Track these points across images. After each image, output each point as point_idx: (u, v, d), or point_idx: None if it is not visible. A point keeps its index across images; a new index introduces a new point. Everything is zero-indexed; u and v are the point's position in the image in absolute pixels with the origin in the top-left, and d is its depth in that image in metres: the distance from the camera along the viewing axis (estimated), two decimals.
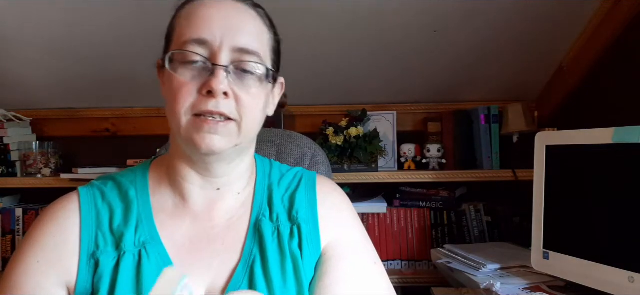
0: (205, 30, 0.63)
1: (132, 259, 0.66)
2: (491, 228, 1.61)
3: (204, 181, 0.71)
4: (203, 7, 0.65)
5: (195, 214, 0.71)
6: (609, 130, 0.99)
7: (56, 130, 1.91)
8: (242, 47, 0.64)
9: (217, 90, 0.61)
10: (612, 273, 0.96)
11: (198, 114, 0.62)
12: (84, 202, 0.69)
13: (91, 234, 0.67)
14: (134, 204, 0.70)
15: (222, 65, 0.62)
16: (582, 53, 1.51)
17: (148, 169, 0.75)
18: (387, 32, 1.48)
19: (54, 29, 1.48)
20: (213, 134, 0.63)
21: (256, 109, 0.67)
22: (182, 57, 0.63)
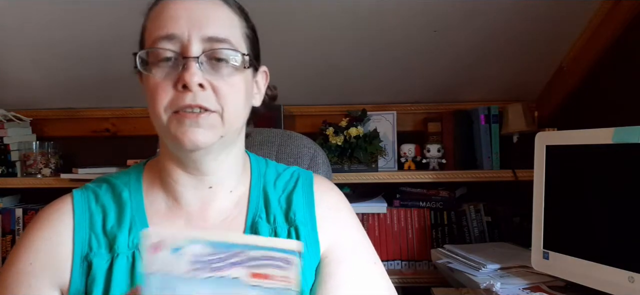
0: (173, 25, 0.63)
1: (126, 261, 0.65)
2: (491, 228, 1.61)
3: (196, 181, 0.70)
4: (169, 5, 0.65)
5: (189, 214, 0.70)
6: (609, 130, 0.99)
7: (56, 130, 1.91)
8: (212, 35, 0.63)
9: (191, 83, 0.61)
10: (612, 273, 0.96)
11: (177, 111, 0.62)
12: (77, 205, 0.69)
13: (84, 236, 0.67)
14: (127, 205, 0.69)
15: (194, 56, 0.62)
16: (582, 53, 1.51)
17: (142, 171, 0.75)
18: (387, 32, 1.48)
19: (54, 29, 1.47)
20: (195, 128, 0.62)
21: (237, 97, 0.66)
22: (153, 56, 0.63)
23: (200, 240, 0.41)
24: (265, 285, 0.42)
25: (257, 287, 0.42)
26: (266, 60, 0.81)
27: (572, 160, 1.07)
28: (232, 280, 0.41)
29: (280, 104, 1.76)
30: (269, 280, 0.42)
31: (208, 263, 0.41)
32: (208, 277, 0.41)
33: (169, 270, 0.41)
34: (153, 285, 0.41)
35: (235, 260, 0.42)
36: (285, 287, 0.42)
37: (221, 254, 0.42)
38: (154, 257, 0.41)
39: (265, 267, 0.42)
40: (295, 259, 0.42)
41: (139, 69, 0.64)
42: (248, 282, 0.41)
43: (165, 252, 0.41)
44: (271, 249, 0.41)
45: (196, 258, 0.41)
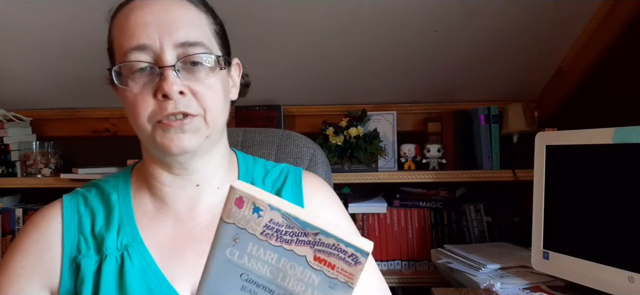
0: (142, 35, 0.62)
1: (114, 263, 0.66)
2: (491, 228, 1.61)
3: (182, 181, 0.70)
4: (134, 12, 0.63)
5: (177, 214, 0.71)
6: (609, 130, 0.99)
7: (56, 130, 1.91)
8: (184, 40, 0.63)
9: (171, 92, 0.61)
10: (612, 273, 0.96)
11: (161, 120, 0.62)
12: (66, 209, 0.70)
13: (73, 239, 0.68)
14: (115, 207, 0.70)
15: (169, 65, 0.62)
16: (582, 53, 1.51)
17: (130, 173, 0.75)
18: (387, 32, 1.48)
19: (55, 29, 1.47)
20: (180, 133, 0.63)
21: (217, 98, 0.66)
22: (127, 68, 0.63)
23: (280, 210, 0.43)
24: (328, 274, 0.42)
25: (320, 272, 0.42)
26: (266, 60, 0.81)
27: (572, 160, 1.07)
28: (298, 257, 0.43)
29: (280, 104, 1.76)
30: (332, 270, 0.42)
31: (280, 233, 0.43)
32: (278, 245, 0.43)
33: (245, 226, 0.43)
34: (226, 233, 0.43)
35: (305, 238, 0.43)
36: (346, 283, 0.42)
37: (295, 228, 0.43)
38: (236, 210, 0.43)
39: (332, 256, 0.42)
40: (364, 260, 0.42)
41: (115, 82, 0.64)
42: (312, 264, 0.42)
43: (247, 209, 0.43)
44: (344, 242, 0.42)
45: (272, 224, 0.43)
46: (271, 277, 0.43)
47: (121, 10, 0.66)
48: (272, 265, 0.43)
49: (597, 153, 1.01)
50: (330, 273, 0.42)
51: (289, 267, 0.43)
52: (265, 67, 1.63)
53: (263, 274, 0.43)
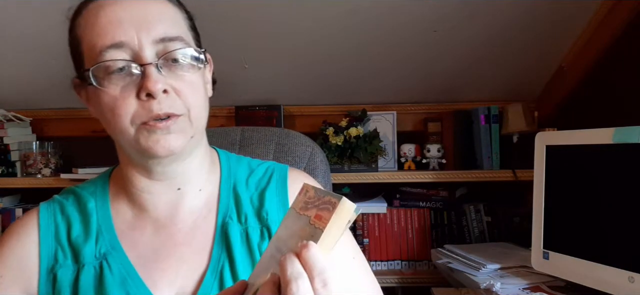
0: (118, 31, 0.58)
1: (93, 272, 0.64)
2: (491, 228, 1.61)
3: (163, 186, 0.67)
4: (104, 9, 0.60)
5: (158, 220, 0.68)
6: (609, 130, 0.98)
7: (56, 130, 1.91)
8: (163, 36, 0.59)
9: (156, 91, 0.57)
10: (612, 273, 0.96)
11: (146, 122, 0.59)
12: (43, 217, 0.68)
13: (50, 248, 0.66)
14: (93, 215, 0.67)
15: (151, 62, 0.58)
16: (582, 53, 1.51)
17: (108, 179, 0.72)
18: (387, 32, 1.48)
19: (55, 29, 1.47)
20: (167, 135, 0.60)
21: (199, 96, 0.63)
22: (104, 68, 0.58)
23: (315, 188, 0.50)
24: (316, 224, 0.47)
25: (311, 224, 0.47)
26: (266, 61, 0.81)
27: (572, 160, 1.07)
28: (305, 218, 0.48)
29: (280, 104, 1.76)
30: (319, 221, 0.47)
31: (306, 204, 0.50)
32: (303, 215, 0.49)
33: (296, 207, 0.51)
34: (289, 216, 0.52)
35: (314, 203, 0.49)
36: (321, 226, 0.46)
37: (314, 198, 0.49)
38: (297, 197, 0.52)
39: (324, 210, 0.47)
40: (336, 203, 0.45)
41: (93, 84, 0.59)
42: (314, 223, 0.47)
43: (302, 195, 0.51)
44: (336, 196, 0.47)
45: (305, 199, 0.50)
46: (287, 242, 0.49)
47: (86, 7, 0.62)
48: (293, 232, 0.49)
49: (597, 153, 1.01)
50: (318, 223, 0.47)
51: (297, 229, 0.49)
52: (266, 67, 1.63)
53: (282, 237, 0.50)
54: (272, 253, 0.50)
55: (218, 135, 1.06)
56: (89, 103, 0.65)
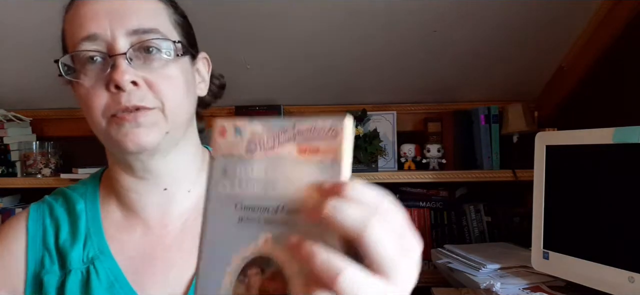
0: (93, 24, 0.58)
1: (80, 277, 0.62)
2: (491, 228, 1.61)
3: (148, 185, 0.65)
4: (85, 3, 0.59)
5: (146, 222, 0.66)
6: (609, 130, 0.99)
7: (56, 130, 1.90)
8: (137, 27, 0.58)
9: (123, 82, 0.56)
10: (612, 273, 0.96)
11: (115, 114, 0.58)
12: (32, 220, 0.67)
13: (37, 253, 0.65)
14: (82, 218, 0.66)
15: (121, 53, 0.57)
16: (582, 53, 1.51)
17: (98, 180, 0.71)
18: (387, 31, 1.48)
19: (55, 29, 1.47)
20: (136, 128, 0.58)
21: (176, 89, 0.61)
22: (78, 61, 0.58)
23: (260, 120, 0.41)
24: (314, 160, 0.39)
25: (306, 162, 0.39)
26: (266, 60, 0.81)
27: (572, 160, 1.07)
28: (283, 159, 0.40)
29: (280, 104, 1.76)
30: (317, 155, 0.39)
31: (262, 142, 0.41)
32: (263, 156, 0.41)
33: (230, 152, 0.41)
34: (216, 169, 0.42)
35: (284, 136, 0.40)
36: (333, 160, 0.38)
37: (274, 130, 0.41)
38: (221, 141, 0.42)
39: (313, 140, 0.39)
40: (341, 128, 0.39)
41: (64, 76, 0.60)
42: (297, 159, 0.40)
43: (230, 134, 0.42)
44: (320, 119, 0.39)
45: (253, 138, 0.41)
46: (263, 193, 0.39)
47: (74, 3, 0.62)
48: (261, 180, 0.40)
49: (597, 153, 1.01)
50: (316, 158, 0.39)
51: (278, 173, 0.40)
52: (266, 67, 1.63)
53: (255, 194, 0.40)
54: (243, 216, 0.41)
55: None
56: (74, 95, 0.64)
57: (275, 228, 0.38)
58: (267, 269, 0.38)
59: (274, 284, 0.38)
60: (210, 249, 0.40)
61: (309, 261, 0.33)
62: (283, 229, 0.38)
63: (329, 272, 0.32)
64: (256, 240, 0.39)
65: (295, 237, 0.36)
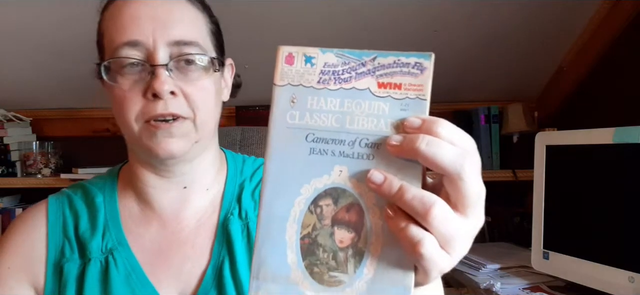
0: (135, 31, 0.59)
1: (98, 267, 0.64)
2: (491, 228, 1.61)
3: (168, 183, 0.67)
4: (127, 5, 0.60)
5: (163, 217, 0.68)
6: (609, 130, 0.99)
7: (56, 130, 1.90)
8: (179, 39, 0.60)
9: (162, 92, 0.58)
10: (612, 273, 0.96)
11: (149, 120, 0.59)
12: (52, 211, 0.68)
13: (58, 242, 0.66)
14: (100, 210, 0.67)
15: (162, 64, 0.59)
16: (582, 53, 1.51)
17: (117, 175, 0.73)
18: (387, 31, 1.48)
19: (55, 29, 1.47)
20: (168, 138, 0.60)
21: (208, 101, 0.63)
22: (117, 64, 0.60)
23: (332, 50, 0.40)
24: (396, 96, 0.38)
25: (388, 98, 0.38)
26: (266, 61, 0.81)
27: (572, 160, 1.07)
28: (361, 92, 0.39)
29: None
30: (400, 91, 0.38)
31: (337, 73, 0.40)
32: (338, 88, 0.39)
33: (299, 81, 0.40)
34: (283, 97, 0.40)
35: (363, 69, 0.39)
36: (418, 97, 0.38)
37: (351, 63, 0.40)
38: (287, 69, 0.40)
39: (395, 75, 0.38)
40: (429, 63, 0.38)
41: (104, 78, 0.61)
42: (377, 93, 0.38)
43: (299, 63, 0.41)
44: (404, 54, 0.38)
45: (326, 68, 0.40)
46: (338, 126, 0.38)
47: (114, 1, 0.63)
48: (336, 112, 0.39)
49: (597, 153, 1.01)
50: (399, 94, 0.38)
51: (354, 106, 0.39)
52: (266, 67, 1.63)
53: (329, 126, 0.39)
54: (315, 148, 0.39)
55: (218, 135, 1.06)
56: (108, 95, 0.66)
57: (351, 161, 0.38)
58: (341, 200, 0.38)
59: (349, 215, 0.38)
60: (276, 180, 0.39)
61: (398, 195, 0.35)
62: (359, 162, 0.38)
63: (423, 205, 0.34)
64: (330, 172, 0.38)
65: (379, 171, 0.36)
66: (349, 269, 0.38)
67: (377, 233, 0.37)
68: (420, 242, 0.35)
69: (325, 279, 0.38)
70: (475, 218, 0.38)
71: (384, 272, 0.37)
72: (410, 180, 0.36)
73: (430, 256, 0.35)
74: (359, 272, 0.37)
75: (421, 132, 0.36)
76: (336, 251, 0.38)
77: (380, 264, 0.37)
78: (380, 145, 0.38)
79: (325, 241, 0.38)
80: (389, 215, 0.36)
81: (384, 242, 0.37)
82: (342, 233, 0.38)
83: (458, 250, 0.37)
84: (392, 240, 0.37)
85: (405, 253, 0.36)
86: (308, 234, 0.38)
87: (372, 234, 0.37)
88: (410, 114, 0.37)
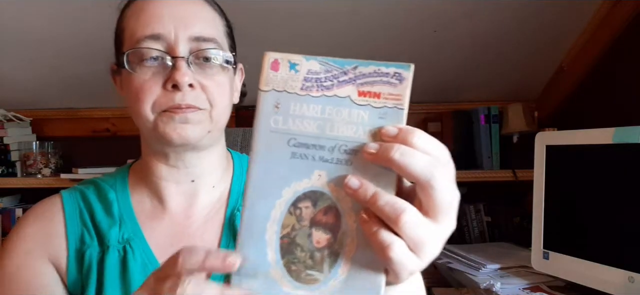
0: (158, 25, 0.62)
1: (117, 255, 0.66)
2: (491, 228, 1.61)
3: (178, 173, 0.70)
4: (150, 3, 0.64)
5: (173, 213, 0.70)
6: (609, 130, 0.99)
7: (56, 130, 1.90)
8: (199, 35, 0.63)
9: (182, 83, 0.61)
10: (612, 273, 0.96)
11: (166, 110, 0.62)
12: (67, 203, 0.69)
13: (76, 231, 0.67)
14: (114, 204, 0.70)
15: (183, 56, 0.62)
16: (582, 53, 1.51)
17: (127, 172, 0.75)
18: (387, 31, 1.48)
19: (54, 28, 1.48)
20: (184, 124, 0.62)
21: (224, 96, 0.66)
22: (139, 55, 0.63)
23: (316, 58, 0.42)
24: (375, 105, 0.40)
25: (367, 106, 0.40)
26: None
27: (572, 160, 1.07)
28: (342, 99, 0.41)
29: None
30: (379, 99, 0.40)
31: (320, 81, 0.41)
32: (320, 95, 0.41)
33: (283, 87, 0.42)
34: (267, 102, 0.42)
35: (345, 78, 0.41)
36: (395, 106, 0.40)
37: (333, 71, 0.41)
38: (272, 75, 0.42)
39: (375, 84, 0.40)
40: (408, 73, 0.40)
41: (125, 67, 0.64)
42: (357, 101, 0.40)
43: (284, 69, 0.42)
44: (384, 64, 0.40)
45: (310, 75, 0.41)
46: (319, 132, 0.41)
47: (136, 1, 0.66)
48: (317, 119, 0.41)
49: (597, 153, 1.01)
50: (377, 103, 0.40)
51: (335, 114, 0.41)
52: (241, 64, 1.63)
53: (310, 132, 0.41)
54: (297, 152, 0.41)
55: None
56: (122, 89, 0.69)
57: (330, 166, 0.40)
58: (320, 203, 0.40)
59: (326, 218, 0.40)
60: (259, 182, 0.41)
61: (372, 200, 0.37)
62: (338, 167, 0.40)
63: (394, 211, 0.37)
64: (309, 175, 0.40)
65: (355, 177, 0.38)
66: (324, 268, 0.40)
67: (352, 236, 0.40)
68: (390, 246, 0.37)
69: (302, 277, 0.40)
70: (446, 224, 0.40)
71: (357, 273, 0.39)
72: (385, 186, 0.39)
73: (399, 259, 0.37)
74: (333, 271, 0.40)
75: (397, 141, 0.38)
76: (313, 251, 0.40)
77: (353, 265, 0.39)
78: (358, 152, 0.40)
79: (304, 241, 0.40)
80: (363, 220, 0.38)
81: (358, 244, 0.40)
82: (319, 234, 0.40)
83: (428, 253, 0.40)
84: (365, 242, 0.39)
85: (376, 255, 0.38)
86: (287, 234, 0.40)
87: (347, 237, 0.40)
88: (388, 123, 0.40)
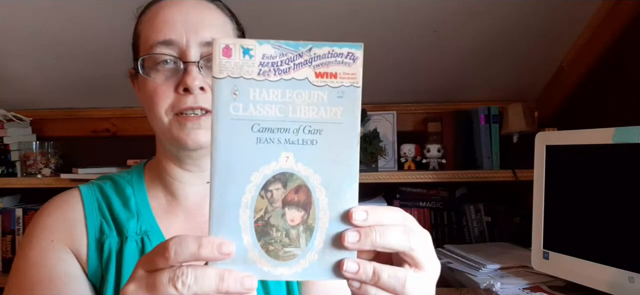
0: (170, 31, 0.65)
1: (135, 246, 0.68)
2: (491, 228, 1.61)
3: (193, 177, 0.72)
4: (164, 9, 0.67)
5: (188, 210, 0.73)
6: (609, 130, 0.99)
7: (56, 130, 1.90)
8: (209, 40, 0.65)
9: (193, 87, 0.63)
10: (612, 273, 0.96)
11: (179, 113, 0.64)
12: (85, 195, 0.71)
13: (96, 221, 0.69)
14: (131, 198, 0.72)
15: (193, 61, 0.64)
16: (582, 53, 1.51)
17: (143, 169, 0.77)
18: (387, 31, 1.48)
19: (54, 29, 1.48)
20: (197, 129, 0.64)
21: None
22: (152, 60, 0.65)
23: (269, 41, 0.42)
24: (332, 85, 0.42)
25: (325, 87, 0.42)
26: None
27: (572, 160, 1.07)
28: (300, 82, 0.42)
29: None
30: (336, 79, 0.42)
31: (276, 65, 0.42)
32: (278, 79, 0.42)
33: (240, 74, 0.41)
34: (224, 89, 0.41)
35: (300, 60, 0.42)
36: (352, 84, 0.42)
37: (289, 54, 0.42)
38: (225, 61, 0.41)
39: (331, 65, 0.42)
40: (360, 54, 0.42)
41: (140, 73, 0.66)
42: (315, 82, 0.42)
43: (237, 55, 0.41)
44: (337, 45, 0.42)
45: (265, 60, 0.42)
46: (282, 116, 0.41)
47: (150, 7, 0.69)
48: (278, 103, 0.41)
49: (597, 153, 1.01)
50: (335, 82, 0.42)
51: (295, 96, 0.42)
52: None
53: (273, 116, 0.41)
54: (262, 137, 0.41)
55: None
56: (139, 93, 0.71)
57: (296, 147, 0.42)
58: (290, 184, 0.42)
59: (298, 196, 0.42)
60: (225, 170, 0.41)
61: (374, 279, 0.41)
62: (304, 147, 0.42)
63: (398, 280, 0.42)
64: (277, 158, 0.41)
65: (352, 261, 0.42)
66: (301, 243, 0.42)
67: (324, 209, 0.42)
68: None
69: (281, 255, 0.42)
70: (435, 268, 0.46)
71: (333, 242, 0.42)
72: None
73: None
74: (310, 244, 0.42)
75: (368, 223, 0.43)
76: (288, 229, 0.42)
77: (328, 235, 0.42)
78: (323, 131, 0.42)
79: (278, 222, 0.42)
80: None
81: (331, 217, 0.43)
82: (292, 213, 0.42)
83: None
84: (337, 214, 0.43)
85: (349, 225, 0.42)
86: (261, 217, 0.41)
87: (319, 210, 0.42)
88: (347, 101, 0.42)
